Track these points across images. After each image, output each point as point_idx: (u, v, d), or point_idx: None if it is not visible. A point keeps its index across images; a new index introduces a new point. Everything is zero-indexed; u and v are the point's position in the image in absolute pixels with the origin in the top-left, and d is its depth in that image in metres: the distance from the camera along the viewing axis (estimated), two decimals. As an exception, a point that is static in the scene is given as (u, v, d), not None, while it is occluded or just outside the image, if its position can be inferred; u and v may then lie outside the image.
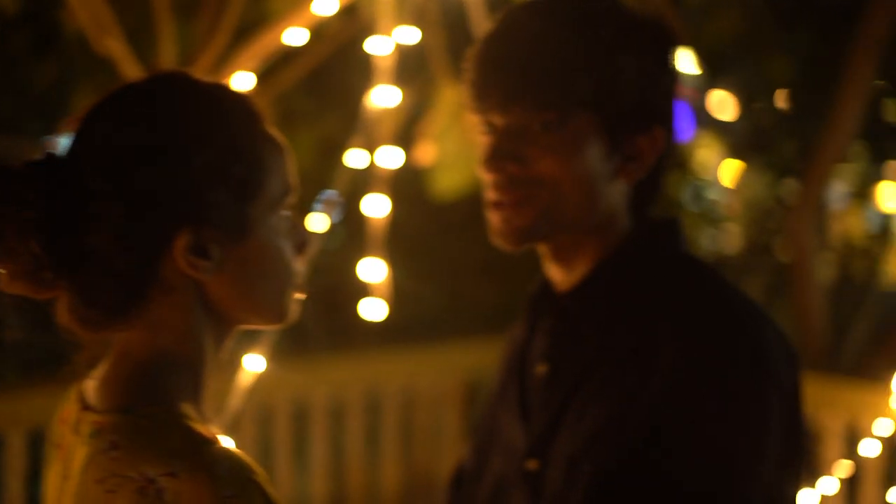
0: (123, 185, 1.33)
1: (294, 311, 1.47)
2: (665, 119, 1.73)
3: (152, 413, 1.32)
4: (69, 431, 1.41)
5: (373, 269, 2.51)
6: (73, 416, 1.41)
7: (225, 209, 1.36)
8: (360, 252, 2.53)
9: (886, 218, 7.61)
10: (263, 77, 2.48)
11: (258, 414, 4.66)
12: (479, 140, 1.75)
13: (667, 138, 1.73)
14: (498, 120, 1.69)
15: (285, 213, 1.44)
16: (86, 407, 1.39)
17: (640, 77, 1.69)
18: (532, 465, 1.72)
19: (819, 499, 2.26)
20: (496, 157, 1.68)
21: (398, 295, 2.76)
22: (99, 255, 1.34)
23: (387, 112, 2.55)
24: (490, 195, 1.73)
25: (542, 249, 1.78)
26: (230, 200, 1.36)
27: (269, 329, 1.52)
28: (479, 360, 5.40)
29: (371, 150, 2.53)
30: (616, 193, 1.72)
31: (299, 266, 1.46)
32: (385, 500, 5.04)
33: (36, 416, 3.47)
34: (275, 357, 2.35)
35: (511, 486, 1.77)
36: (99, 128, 1.38)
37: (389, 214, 2.50)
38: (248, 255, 1.38)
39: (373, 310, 2.51)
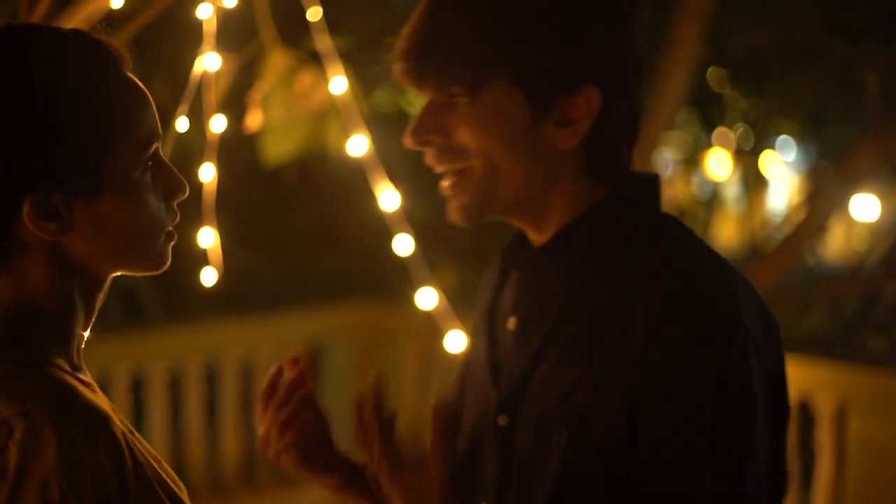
0: None
1: (168, 256, 1.44)
2: (600, 75, 1.58)
3: (13, 357, 1.32)
4: None
5: (205, 237, 2.50)
6: None
7: (73, 169, 1.35)
8: (193, 221, 2.52)
9: (715, 184, 7.86)
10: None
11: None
12: None
13: (608, 95, 1.58)
14: (423, 94, 1.66)
15: (150, 158, 1.41)
16: None
17: (554, 34, 1.56)
18: (503, 420, 1.69)
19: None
20: (416, 131, 1.65)
21: (236, 264, 2.75)
22: None
23: (213, 78, 2.54)
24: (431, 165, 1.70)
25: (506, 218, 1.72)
26: (80, 159, 1.35)
27: (147, 275, 1.50)
28: (319, 327, 5.42)
29: (199, 116, 2.52)
30: (555, 159, 1.62)
31: (172, 210, 1.44)
32: (225, 471, 5.03)
33: None
34: (111, 328, 2.32)
35: (485, 439, 1.74)
36: None
37: (215, 181, 2.49)
38: (105, 210, 1.37)
39: (206, 278, 2.50)
